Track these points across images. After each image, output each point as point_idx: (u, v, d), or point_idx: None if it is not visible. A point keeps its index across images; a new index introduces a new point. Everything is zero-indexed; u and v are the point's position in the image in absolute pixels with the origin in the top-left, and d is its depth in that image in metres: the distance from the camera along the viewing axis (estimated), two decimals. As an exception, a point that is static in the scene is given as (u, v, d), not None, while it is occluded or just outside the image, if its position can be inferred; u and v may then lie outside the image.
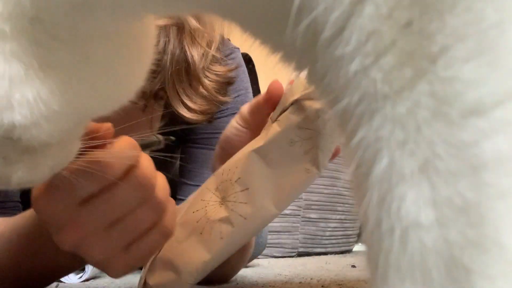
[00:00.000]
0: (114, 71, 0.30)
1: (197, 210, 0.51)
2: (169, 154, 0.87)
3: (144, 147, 0.49)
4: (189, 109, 0.73)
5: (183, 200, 0.81)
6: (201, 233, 0.50)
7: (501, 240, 0.23)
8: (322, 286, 0.77)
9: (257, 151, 0.49)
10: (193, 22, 0.72)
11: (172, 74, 0.63)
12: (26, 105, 0.25)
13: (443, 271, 0.23)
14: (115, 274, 0.46)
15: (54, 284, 0.72)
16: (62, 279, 0.74)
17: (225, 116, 0.81)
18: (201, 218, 0.50)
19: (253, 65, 1.92)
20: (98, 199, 0.41)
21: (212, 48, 0.76)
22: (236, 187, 0.48)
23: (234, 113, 0.64)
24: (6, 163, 0.28)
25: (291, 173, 0.48)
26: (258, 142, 0.50)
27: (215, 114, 0.82)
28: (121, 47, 0.30)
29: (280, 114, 0.50)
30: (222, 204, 0.49)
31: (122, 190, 0.41)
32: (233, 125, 0.59)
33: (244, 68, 0.88)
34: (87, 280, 0.76)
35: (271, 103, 0.54)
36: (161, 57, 0.69)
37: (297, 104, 0.49)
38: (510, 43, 0.23)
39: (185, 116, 0.72)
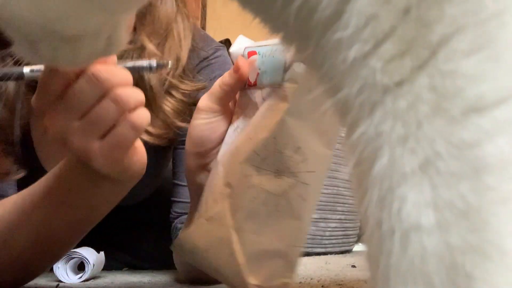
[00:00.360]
0: None
1: (254, 198, 0.51)
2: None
3: (134, 70, 0.53)
4: (148, 133, 0.71)
5: (178, 202, 0.81)
6: (278, 211, 0.51)
7: (503, 246, 0.22)
8: (322, 286, 0.77)
9: (287, 113, 0.50)
10: (151, 47, 0.71)
11: None
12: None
13: (444, 277, 0.23)
14: (97, 164, 0.51)
15: (55, 284, 0.72)
16: (62, 279, 0.74)
17: None
18: (266, 200, 0.51)
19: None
20: (67, 94, 0.48)
21: (178, 68, 0.74)
22: (286, 152, 0.50)
23: None
24: (53, 48, 0.33)
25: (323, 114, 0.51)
26: (276, 107, 0.51)
27: None
28: None
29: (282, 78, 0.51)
30: (278, 176, 0.50)
31: (82, 84, 0.48)
32: (200, 122, 0.57)
33: (230, 66, 0.87)
34: (87, 280, 0.76)
35: (243, 81, 0.54)
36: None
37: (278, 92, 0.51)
38: (510, 36, 0.23)
39: (143, 139, 0.69)
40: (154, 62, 0.54)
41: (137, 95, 0.51)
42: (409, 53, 0.24)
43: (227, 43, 0.97)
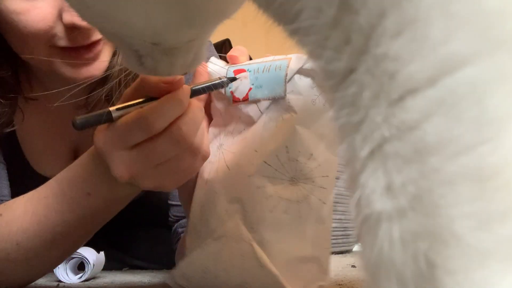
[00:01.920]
0: None
1: (274, 207, 0.51)
2: None
3: (209, 88, 0.53)
4: None
5: (175, 205, 0.81)
6: (301, 217, 0.51)
7: (455, 230, 0.22)
8: (322, 286, 0.77)
9: (297, 123, 0.51)
10: None
11: (120, 84, 0.60)
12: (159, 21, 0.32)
13: (412, 267, 0.23)
14: (168, 188, 0.54)
15: (55, 284, 0.72)
16: (62, 279, 0.74)
17: None
18: (287, 208, 0.51)
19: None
20: (143, 146, 0.49)
21: None
22: (300, 160, 0.50)
23: None
24: (156, 60, 0.38)
25: (327, 122, 0.52)
26: (281, 118, 0.51)
27: None
28: None
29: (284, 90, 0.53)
30: (294, 183, 0.51)
31: (162, 142, 0.49)
32: None
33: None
34: (87, 280, 0.76)
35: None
36: (111, 68, 0.67)
37: (301, 72, 0.52)
38: (428, 13, 0.22)
39: None
40: (225, 79, 0.54)
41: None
42: (350, 40, 0.24)
43: (227, 43, 0.97)
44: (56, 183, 0.57)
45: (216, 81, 0.53)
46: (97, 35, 0.61)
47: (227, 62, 0.58)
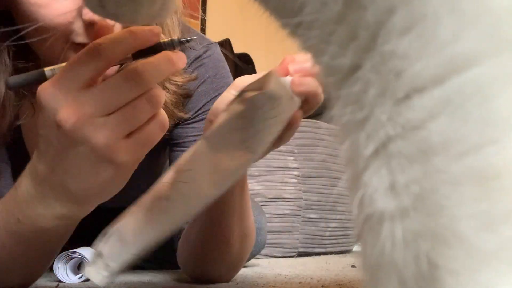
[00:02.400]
0: None
1: (153, 191, 0.52)
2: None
3: (158, 48, 0.49)
4: None
5: None
6: (149, 210, 0.51)
7: (459, 230, 0.21)
8: (322, 286, 0.77)
9: (206, 137, 0.51)
10: None
11: None
12: None
13: (413, 266, 0.22)
14: (120, 160, 0.48)
15: (55, 284, 0.72)
16: (62, 279, 0.74)
17: None
18: (154, 198, 0.51)
19: (253, 66, 1.92)
20: (97, 86, 0.46)
21: None
22: (184, 168, 0.51)
23: None
24: (118, 4, 0.36)
25: (228, 157, 0.52)
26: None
27: (199, 115, 0.80)
28: None
29: (231, 103, 0.53)
30: (169, 185, 0.52)
31: (119, 80, 0.45)
32: (225, 95, 0.56)
33: (223, 64, 0.86)
34: (87, 280, 0.76)
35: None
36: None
37: (242, 94, 0.51)
38: (436, 11, 0.22)
39: None
40: (176, 39, 0.51)
41: (163, 94, 0.50)
42: (356, 37, 0.24)
43: (227, 43, 0.97)
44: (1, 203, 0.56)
45: (166, 40, 0.50)
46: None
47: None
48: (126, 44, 0.46)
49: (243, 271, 0.93)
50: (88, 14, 0.58)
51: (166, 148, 0.84)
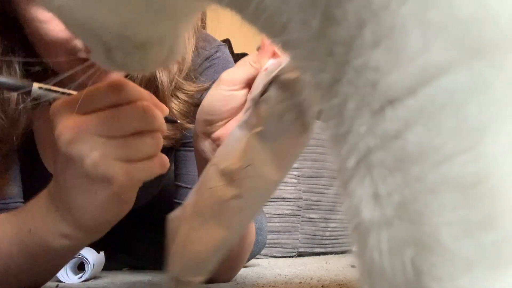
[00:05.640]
0: None
1: (207, 198, 0.52)
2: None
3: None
4: None
5: (180, 204, 0.82)
6: (216, 216, 0.51)
7: (441, 238, 0.22)
8: (322, 286, 0.77)
9: (254, 135, 0.52)
10: None
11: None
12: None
13: (401, 274, 0.23)
14: (115, 180, 0.48)
15: (54, 284, 0.72)
16: (62, 279, 0.74)
17: None
18: (214, 204, 0.51)
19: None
20: (103, 112, 0.48)
21: (184, 69, 0.73)
22: (241, 166, 0.51)
23: None
24: (126, 55, 0.36)
25: (287, 141, 0.52)
26: (249, 125, 0.52)
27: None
28: None
29: (262, 95, 0.53)
30: (230, 185, 0.52)
31: (126, 112, 0.48)
32: (217, 93, 0.56)
33: (232, 65, 0.87)
34: (87, 280, 0.76)
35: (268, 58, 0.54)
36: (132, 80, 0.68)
37: (276, 81, 0.52)
38: (404, 23, 0.22)
39: None
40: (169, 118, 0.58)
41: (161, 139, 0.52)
42: (333, 52, 0.24)
43: (227, 43, 0.97)
44: (13, 214, 0.57)
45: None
46: None
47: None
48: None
49: (243, 271, 0.93)
50: None
51: (171, 152, 0.84)
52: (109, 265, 0.85)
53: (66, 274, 0.75)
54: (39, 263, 0.58)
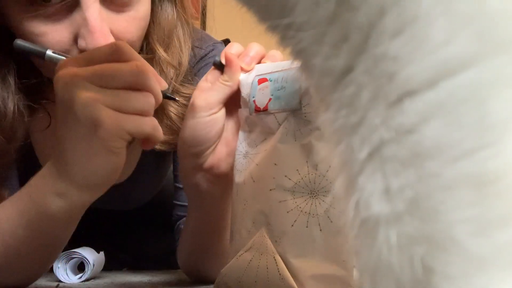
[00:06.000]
0: None
1: (295, 222, 0.50)
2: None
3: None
4: None
5: (180, 205, 0.82)
6: (320, 230, 0.50)
7: (455, 235, 0.21)
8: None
9: (313, 136, 0.51)
10: (162, 53, 0.70)
11: None
12: None
13: (408, 271, 0.22)
14: (102, 123, 0.49)
15: (55, 284, 0.72)
16: (62, 279, 0.74)
17: None
18: (308, 222, 0.50)
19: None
20: (100, 65, 0.50)
21: (180, 74, 0.73)
22: (318, 173, 0.50)
23: None
24: None
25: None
26: (301, 132, 0.51)
27: None
28: None
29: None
30: (314, 196, 0.50)
31: (121, 67, 0.50)
32: (197, 121, 0.57)
33: None
34: (87, 280, 0.76)
35: (239, 73, 0.56)
36: None
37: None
38: (429, 12, 0.21)
39: None
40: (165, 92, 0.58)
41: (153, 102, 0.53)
42: (348, 38, 0.24)
43: (227, 43, 0.97)
44: (18, 193, 0.58)
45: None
46: None
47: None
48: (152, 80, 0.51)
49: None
50: (82, 44, 0.58)
51: (170, 153, 0.84)
52: (109, 265, 0.85)
53: (66, 274, 0.75)
54: (40, 235, 0.58)
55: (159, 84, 0.53)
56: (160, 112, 0.70)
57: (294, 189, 0.50)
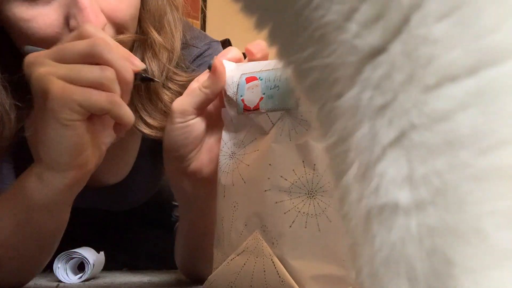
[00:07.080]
0: None
1: (293, 222, 0.49)
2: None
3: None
4: (148, 125, 0.68)
5: (178, 205, 0.81)
6: (319, 230, 0.49)
7: (480, 227, 0.21)
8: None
9: (313, 137, 0.50)
10: (155, 35, 0.69)
11: (132, 89, 0.58)
12: None
13: (426, 263, 0.21)
14: (51, 91, 0.50)
15: (55, 284, 0.72)
16: (62, 279, 0.74)
17: None
18: (306, 221, 0.49)
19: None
20: (64, 44, 0.53)
21: (173, 59, 0.72)
22: (316, 172, 0.49)
23: None
24: None
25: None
26: (297, 131, 0.50)
27: None
28: None
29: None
30: (312, 196, 0.49)
31: (79, 42, 0.52)
32: (175, 127, 0.56)
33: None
34: (87, 280, 0.76)
35: (222, 82, 0.55)
36: None
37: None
38: None
39: (144, 132, 0.68)
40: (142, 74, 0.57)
41: (115, 79, 0.54)
42: (384, 17, 0.23)
43: (227, 43, 0.97)
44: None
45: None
46: None
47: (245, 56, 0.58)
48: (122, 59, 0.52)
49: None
50: (74, 24, 0.58)
51: None
52: (109, 265, 0.85)
53: (66, 274, 0.75)
54: (26, 223, 0.57)
55: (133, 63, 0.53)
56: (154, 97, 0.69)
57: (291, 189, 0.50)
